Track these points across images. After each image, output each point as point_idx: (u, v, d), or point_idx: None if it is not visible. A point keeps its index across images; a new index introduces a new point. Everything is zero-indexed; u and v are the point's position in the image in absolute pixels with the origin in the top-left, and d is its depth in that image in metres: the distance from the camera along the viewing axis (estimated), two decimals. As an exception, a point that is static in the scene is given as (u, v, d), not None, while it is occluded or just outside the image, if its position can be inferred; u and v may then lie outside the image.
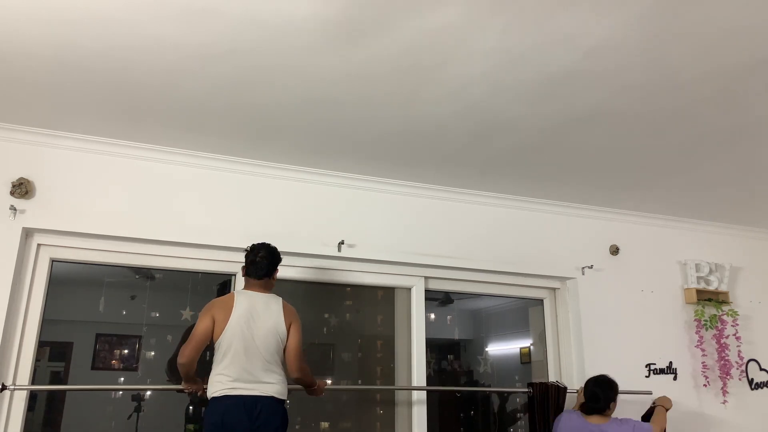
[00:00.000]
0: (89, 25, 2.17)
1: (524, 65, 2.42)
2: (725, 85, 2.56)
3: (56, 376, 3.34)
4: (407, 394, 3.59)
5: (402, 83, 2.56)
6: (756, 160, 3.35)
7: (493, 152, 3.27)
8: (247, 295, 2.76)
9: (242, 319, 2.68)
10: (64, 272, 3.13)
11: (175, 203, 3.21)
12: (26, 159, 3.00)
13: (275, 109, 2.80)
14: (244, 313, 2.69)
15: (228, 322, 2.66)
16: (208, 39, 2.25)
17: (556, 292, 4.09)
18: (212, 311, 2.71)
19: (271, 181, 3.43)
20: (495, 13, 2.10)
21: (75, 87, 2.61)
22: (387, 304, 3.80)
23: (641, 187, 3.79)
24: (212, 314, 2.70)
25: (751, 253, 4.55)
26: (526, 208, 3.98)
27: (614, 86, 2.57)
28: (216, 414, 2.58)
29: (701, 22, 2.14)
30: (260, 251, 2.84)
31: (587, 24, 2.15)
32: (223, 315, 2.68)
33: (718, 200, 4.00)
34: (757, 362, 4.32)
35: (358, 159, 3.36)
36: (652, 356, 3.99)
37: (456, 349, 4.96)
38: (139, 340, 3.44)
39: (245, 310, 2.70)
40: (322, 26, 2.17)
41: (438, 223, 3.74)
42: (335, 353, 3.85)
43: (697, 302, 4.18)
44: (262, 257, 2.82)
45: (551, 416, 3.44)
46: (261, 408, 2.61)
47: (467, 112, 2.82)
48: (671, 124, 2.92)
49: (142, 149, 3.18)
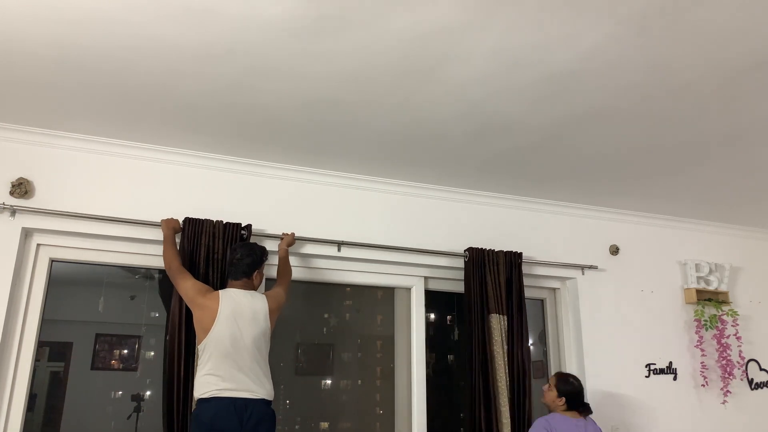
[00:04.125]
0: (89, 25, 2.17)
1: (524, 65, 2.42)
2: (725, 85, 2.56)
3: (56, 376, 3.34)
4: (407, 394, 3.59)
5: (401, 83, 2.56)
6: (756, 160, 3.34)
7: (492, 152, 3.27)
8: (230, 296, 2.75)
9: (229, 321, 2.67)
10: (63, 272, 3.13)
11: (175, 203, 3.20)
12: (26, 159, 3.00)
13: (275, 110, 2.80)
14: (230, 314, 2.69)
15: (214, 323, 2.66)
16: (207, 39, 2.25)
17: (556, 292, 4.09)
18: (206, 300, 2.71)
19: (271, 181, 3.42)
20: (494, 13, 2.10)
21: (75, 87, 2.61)
22: (387, 304, 3.80)
23: (641, 187, 3.79)
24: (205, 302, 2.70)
25: (751, 253, 4.55)
26: (526, 208, 3.98)
27: (614, 86, 2.57)
28: (205, 416, 2.56)
29: (701, 22, 2.13)
30: (237, 252, 2.85)
31: (587, 24, 2.15)
32: (209, 312, 2.68)
33: (718, 200, 4.01)
34: (757, 362, 4.33)
35: (358, 159, 3.36)
36: (651, 356, 3.99)
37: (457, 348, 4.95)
38: (138, 340, 3.44)
39: (231, 311, 2.69)
40: (321, 26, 2.17)
41: (438, 223, 3.74)
42: (335, 353, 3.85)
43: (697, 302, 4.18)
44: (239, 259, 2.83)
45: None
46: (252, 411, 2.59)
47: (467, 112, 2.82)
48: (671, 124, 2.92)
49: (142, 149, 3.18)
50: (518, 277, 3.65)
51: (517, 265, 3.67)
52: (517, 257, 3.69)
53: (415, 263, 3.65)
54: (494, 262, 3.62)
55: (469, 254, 3.61)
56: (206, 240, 3.05)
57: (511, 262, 3.67)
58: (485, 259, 3.60)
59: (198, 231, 3.06)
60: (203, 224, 3.08)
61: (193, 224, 3.06)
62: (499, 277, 3.60)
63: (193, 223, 3.07)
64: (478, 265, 3.58)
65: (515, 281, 3.63)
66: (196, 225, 3.07)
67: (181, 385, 2.83)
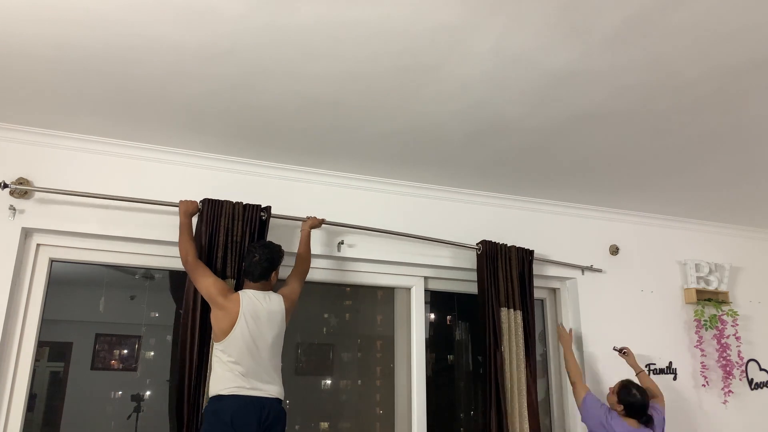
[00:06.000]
0: (89, 25, 2.17)
1: (524, 65, 2.42)
2: (725, 85, 2.56)
3: (56, 376, 3.34)
4: (407, 394, 3.59)
5: (401, 83, 2.56)
6: (756, 160, 3.34)
7: (492, 152, 3.27)
8: (249, 298, 2.76)
9: (248, 323, 2.68)
10: (63, 272, 3.12)
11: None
12: (26, 159, 3.00)
13: (275, 110, 2.80)
14: (250, 316, 2.70)
15: (234, 325, 2.67)
16: (207, 39, 2.25)
17: (557, 292, 4.09)
18: (228, 302, 2.71)
19: (270, 181, 3.42)
20: (494, 13, 2.10)
21: (75, 87, 2.61)
22: (387, 304, 3.80)
23: (641, 187, 3.79)
24: (226, 304, 2.70)
25: (751, 253, 4.55)
26: (526, 208, 3.98)
27: (614, 86, 2.57)
28: (225, 414, 2.57)
29: (701, 22, 2.13)
30: (255, 254, 2.83)
31: (587, 24, 2.15)
32: (229, 314, 2.69)
33: (718, 200, 4.01)
34: (757, 362, 4.33)
35: (358, 159, 3.36)
36: (651, 356, 3.99)
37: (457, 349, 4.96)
38: (138, 341, 3.44)
39: (250, 314, 2.70)
40: (321, 26, 2.16)
41: (438, 223, 3.74)
42: (335, 353, 3.85)
43: (696, 302, 4.18)
44: (258, 262, 2.81)
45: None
46: (269, 410, 2.63)
47: (467, 112, 2.82)
48: (671, 124, 2.92)
49: (142, 149, 3.18)
50: (529, 274, 3.68)
51: (528, 263, 3.69)
52: (528, 254, 3.70)
53: (415, 263, 3.64)
54: (507, 256, 3.63)
55: (482, 247, 3.61)
56: (226, 222, 3.03)
57: (523, 258, 3.68)
58: (497, 253, 3.61)
59: (217, 213, 3.03)
60: (222, 206, 3.05)
61: (211, 205, 3.04)
62: (512, 271, 3.61)
63: (212, 205, 3.04)
64: (491, 258, 3.59)
65: (527, 277, 3.65)
66: (215, 206, 3.04)
67: (192, 380, 2.82)
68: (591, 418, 3.25)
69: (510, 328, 3.50)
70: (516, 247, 3.68)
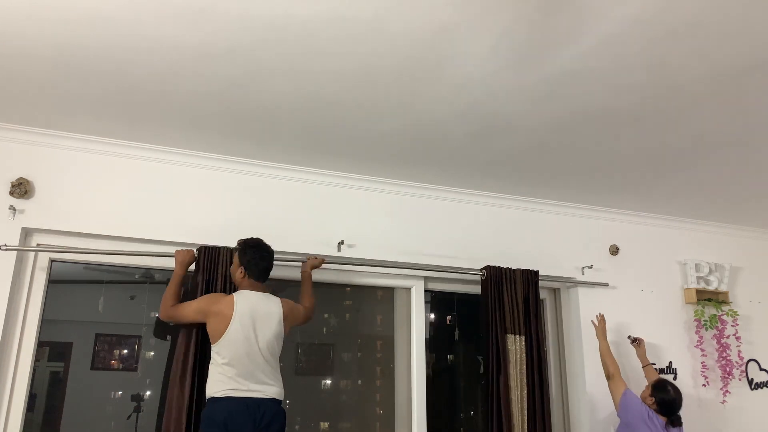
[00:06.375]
0: (89, 25, 2.17)
1: (524, 65, 2.42)
2: (725, 85, 2.56)
3: (56, 376, 3.34)
4: (407, 394, 3.59)
5: (402, 83, 2.56)
6: (755, 160, 3.34)
7: (492, 152, 3.27)
8: (245, 298, 2.75)
9: (243, 323, 2.68)
10: (63, 272, 3.12)
11: (174, 203, 3.21)
12: (26, 159, 3.00)
13: (275, 110, 2.80)
14: (245, 316, 2.69)
15: (228, 325, 2.66)
16: (207, 39, 2.25)
17: (557, 292, 4.09)
18: (219, 306, 2.71)
19: (270, 181, 3.43)
20: (494, 13, 2.09)
21: (75, 87, 2.61)
22: (386, 304, 3.80)
23: (641, 187, 3.79)
24: (218, 309, 2.70)
25: (751, 253, 4.55)
26: (526, 208, 3.98)
27: (614, 86, 2.57)
28: (219, 417, 2.57)
29: (701, 22, 2.13)
30: (265, 257, 2.86)
31: (587, 24, 2.15)
32: (223, 318, 2.68)
33: (718, 200, 4.01)
34: (757, 362, 4.33)
35: (358, 159, 3.36)
36: (651, 356, 3.99)
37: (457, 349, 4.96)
38: (138, 341, 3.43)
39: (246, 314, 2.70)
40: (321, 26, 2.16)
41: (438, 223, 3.74)
42: (335, 353, 3.85)
43: (696, 302, 4.18)
44: (267, 266, 2.86)
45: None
46: (264, 411, 2.62)
47: (467, 112, 2.82)
48: (671, 124, 2.92)
49: (142, 149, 3.18)
50: (535, 296, 3.64)
51: (534, 284, 3.66)
52: (533, 275, 3.68)
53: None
54: (511, 280, 3.60)
55: (486, 272, 3.59)
56: (223, 270, 3.01)
57: (528, 280, 3.65)
58: (502, 278, 3.58)
59: (214, 260, 3.01)
60: (219, 252, 3.03)
61: (208, 253, 3.01)
62: (517, 297, 3.58)
63: (209, 252, 3.02)
64: (496, 283, 3.56)
65: (531, 300, 3.62)
66: (211, 254, 3.02)
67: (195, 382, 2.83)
68: (632, 413, 3.24)
69: (515, 355, 3.49)
70: (521, 270, 3.64)
